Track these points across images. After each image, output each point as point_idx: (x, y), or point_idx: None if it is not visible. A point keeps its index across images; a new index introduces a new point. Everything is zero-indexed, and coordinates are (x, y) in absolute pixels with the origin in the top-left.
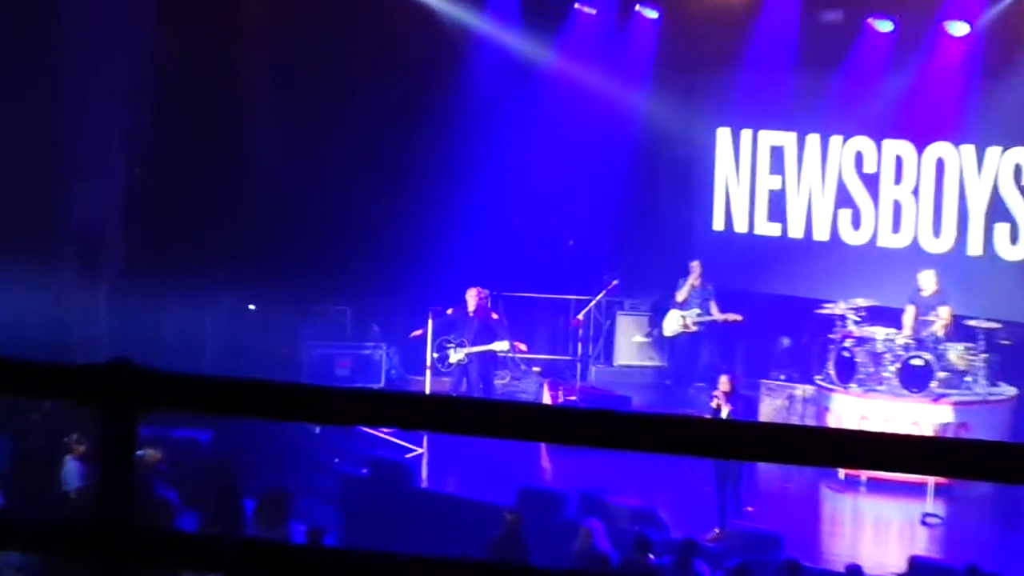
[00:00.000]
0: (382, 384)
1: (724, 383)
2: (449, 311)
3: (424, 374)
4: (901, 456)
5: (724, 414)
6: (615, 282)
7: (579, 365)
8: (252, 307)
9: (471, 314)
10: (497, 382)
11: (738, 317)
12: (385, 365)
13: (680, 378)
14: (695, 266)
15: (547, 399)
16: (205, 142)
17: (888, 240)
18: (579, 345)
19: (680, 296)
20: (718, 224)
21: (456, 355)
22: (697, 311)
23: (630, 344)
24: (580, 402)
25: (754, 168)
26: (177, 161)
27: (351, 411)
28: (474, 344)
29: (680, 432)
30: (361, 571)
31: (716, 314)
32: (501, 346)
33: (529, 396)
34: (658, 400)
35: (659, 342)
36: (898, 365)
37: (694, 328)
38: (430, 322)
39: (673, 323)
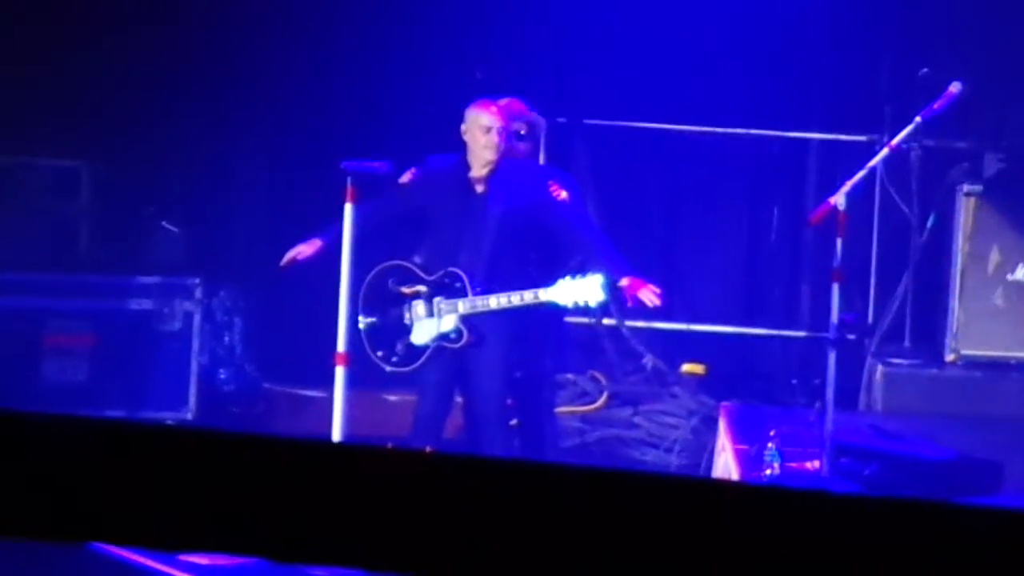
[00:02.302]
0: (191, 413)
1: None
2: (406, 177)
3: (327, 380)
4: None
5: None
6: (955, 88)
7: (832, 355)
8: None
9: (478, 186)
10: (567, 409)
11: None
12: (198, 346)
13: None
14: None
15: (729, 466)
16: None
17: None
18: (834, 296)
19: None
20: None
21: (437, 321)
22: None
23: (997, 287)
24: (833, 475)
25: None
26: None
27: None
28: (491, 287)
29: None
30: None
31: None
32: (583, 291)
33: (671, 459)
34: None
35: None
36: None
37: None
38: (349, 210)
39: None
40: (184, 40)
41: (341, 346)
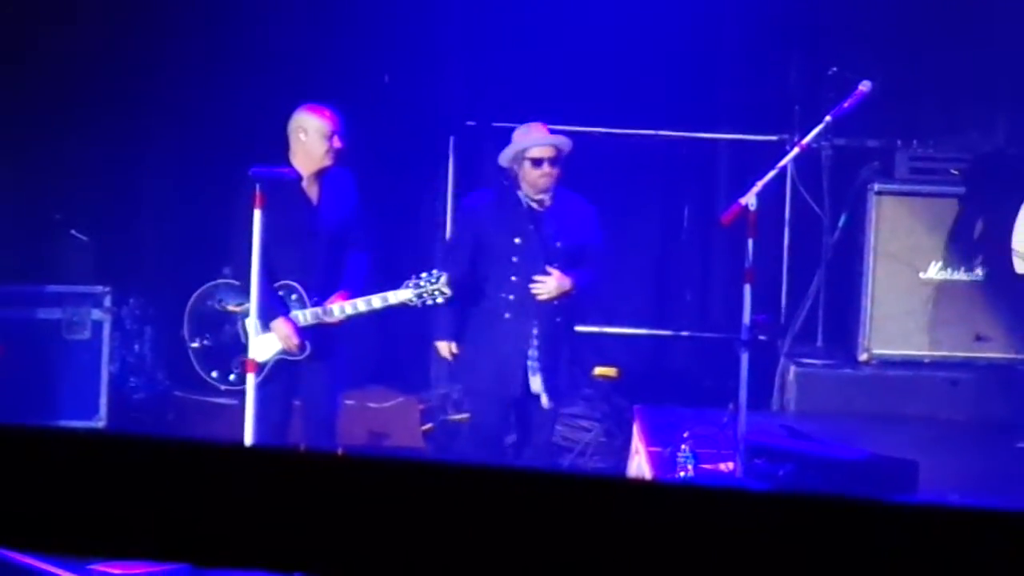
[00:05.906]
0: (102, 421)
1: None
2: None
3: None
4: None
5: None
6: (865, 87)
7: (744, 356)
8: None
9: (312, 192)
10: None
11: None
12: (108, 354)
13: None
14: None
15: (643, 468)
16: None
17: None
18: (746, 297)
19: None
20: None
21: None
22: None
23: (909, 286)
24: (747, 477)
25: None
26: None
27: None
28: (326, 295)
29: None
30: None
31: None
32: (432, 290)
33: (584, 463)
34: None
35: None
36: None
37: None
38: (258, 216)
39: None
40: (87, 47)
41: (252, 353)
